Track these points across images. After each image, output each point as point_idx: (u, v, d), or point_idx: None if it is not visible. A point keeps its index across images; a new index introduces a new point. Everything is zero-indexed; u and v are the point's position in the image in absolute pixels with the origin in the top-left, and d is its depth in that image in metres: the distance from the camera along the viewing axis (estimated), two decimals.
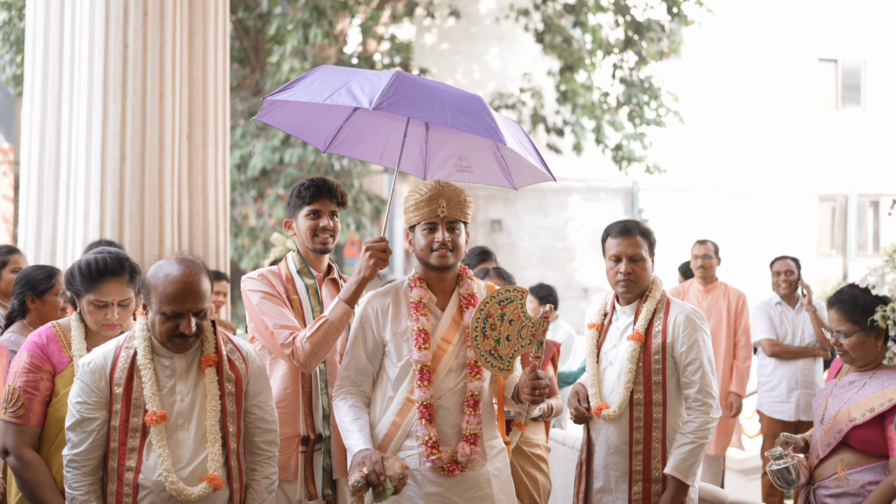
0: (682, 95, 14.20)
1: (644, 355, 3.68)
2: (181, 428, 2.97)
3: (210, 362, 3.02)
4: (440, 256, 3.26)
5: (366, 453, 3.04)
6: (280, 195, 12.61)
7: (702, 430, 3.58)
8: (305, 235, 3.63)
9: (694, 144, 17.09)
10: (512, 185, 3.86)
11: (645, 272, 3.73)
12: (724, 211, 17.53)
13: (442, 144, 3.84)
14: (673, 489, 3.57)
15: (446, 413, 3.25)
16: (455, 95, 3.33)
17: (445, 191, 3.29)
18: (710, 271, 6.91)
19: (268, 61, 13.54)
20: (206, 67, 6.30)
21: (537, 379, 3.15)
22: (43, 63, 6.04)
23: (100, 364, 2.96)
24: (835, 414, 3.32)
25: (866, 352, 3.31)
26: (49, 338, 3.31)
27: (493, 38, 16.60)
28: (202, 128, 6.30)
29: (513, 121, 3.65)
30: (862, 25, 18.30)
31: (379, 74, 3.32)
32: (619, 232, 3.76)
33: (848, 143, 18.21)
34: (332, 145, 3.90)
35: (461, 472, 3.22)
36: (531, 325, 3.20)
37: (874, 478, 3.18)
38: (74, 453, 2.91)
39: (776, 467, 3.38)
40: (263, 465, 3.17)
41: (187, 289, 2.91)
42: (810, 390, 6.47)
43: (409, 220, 3.34)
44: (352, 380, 3.33)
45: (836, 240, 18.93)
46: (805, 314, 6.62)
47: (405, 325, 3.29)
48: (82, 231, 5.82)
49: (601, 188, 17.15)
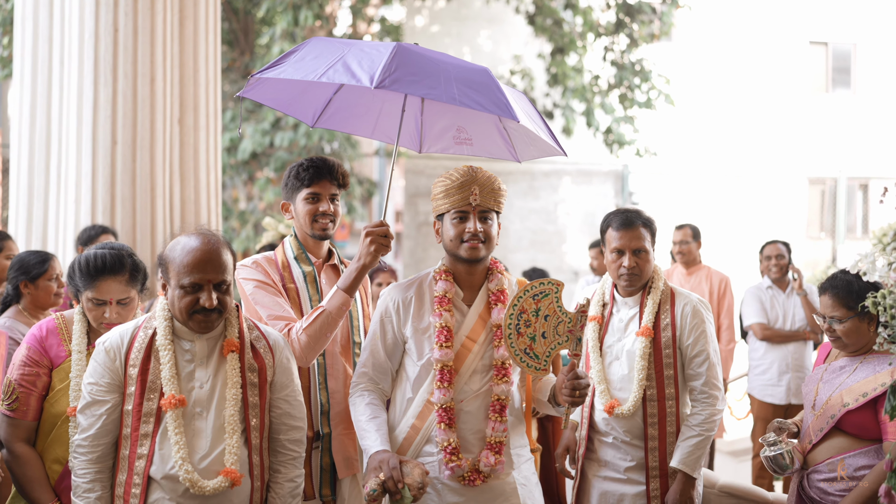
0: (673, 78, 14.19)
1: (654, 350, 3.56)
2: (199, 417, 2.76)
3: (232, 347, 2.81)
4: (471, 248, 3.02)
5: (383, 457, 2.83)
6: (270, 178, 12.57)
7: (708, 423, 3.51)
8: (304, 220, 3.40)
9: (684, 127, 17.09)
10: (515, 157, 3.63)
11: (648, 264, 3.61)
12: (714, 194, 17.56)
13: (439, 115, 3.61)
14: (681, 483, 3.49)
15: (469, 418, 3.02)
16: (461, 68, 3.09)
17: (479, 177, 3.04)
18: (688, 256, 6.97)
19: (257, 43, 13.47)
20: (197, 51, 6.26)
21: (577, 378, 2.90)
22: (32, 46, 5.99)
23: (115, 343, 2.79)
24: (827, 399, 3.34)
25: (859, 337, 3.33)
26: (49, 330, 3.22)
27: (483, 20, 16.53)
28: (193, 112, 6.27)
29: (520, 93, 3.44)
30: (852, 8, 18.29)
31: (376, 47, 3.09)
32: (621, 224, 3.60)
33: (838, 126, 18.23)
34: (320, 119, 3.65)
35: (483, 481, 3.00)
36: (568, 321, 2.96)
37: (867, 462, 3.21)
38: (82, 437, 2.75)
39: (770, 453, 3.38)
40: (288, 466, 2.93)
41: (206, 257, 2.72)
42: (801, 374, 6.52)
43: (437, 207, 3.10)
44: (369, 377, 3.13)
45: (825, 223, 18.99)
46: (796, 298, 6.66)
47: (427, 321, 3.06)
48: (73, 216, 5.80)
49: (592, 171, 17.14)
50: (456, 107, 3.34)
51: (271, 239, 7.08)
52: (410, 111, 3.53)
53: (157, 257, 2.88)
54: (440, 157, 15.33)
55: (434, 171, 15.89)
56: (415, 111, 3.58)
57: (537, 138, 3.30)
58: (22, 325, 3.74)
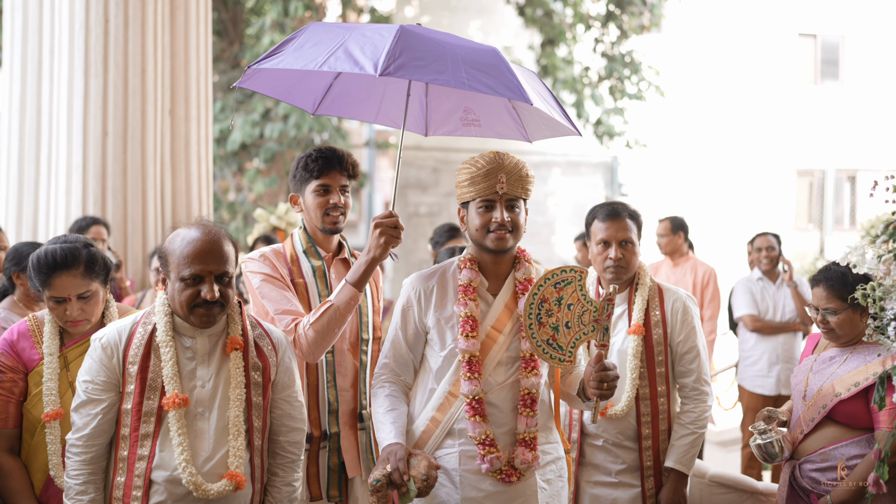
0: (663, 70, 14.22)
1: (646, 347, 3.50)
2: (201, 417, 2.64)
3: (236, 345, 2.70)
4: (498, 239, 2.90)
5: (391, 449, 2.74)
6: (260, 169, 12.54)
7: (701, 420, 3.48)
8: (314, 213, 3.26)
9: (674, 119, 17.13)
10: (526, 137, 3.49)
11: (634, 257, 3.53)
12: (703, 185, 17.61)
13: (445, 96, 3.47)
14: (674, 482, 3.45)
15: (493, 411, 2.90)
16: (469, 50, 2.94)
17: (506, 164, 2.90)
18: (668, 248, 7.02)
19: (246, 33, 13.40)
20: (188, 42, 6.25)
21: (605, 370, 2.74)
22: (22, 37, 5.96)
23: (113, 340, 2.65)
24: (818, 389, 3.36)
25: (853, 329, 3.35)
26: (21, 333, 3.09)
27: (473, 11, 16.51)
28: (184, 103, 6.25)
29: (531, 72, 3.28)
30: (841, 1, 18.35)
31: (378, 30, 2.94)
32: (607, 215, 3.52)
33: (826, 118, 18.31)
34: (321, 106, 3.51)
35: (518, 478, 2.87)
36: (593, 309, 2.79)
37: (859, 451, 3.24)
38: (76, 437, 2.62)
39: (761, 441, 3.39)
40: (286, 469, 2.82)
41: (207, 247, 2.60)
42: (790, 365, 6.57)
43: (461, 195, 2.97)
44: (391, 368, 3.03)
45: (813, 214, 19.08)
46: (786, 289, 6.70)
47: (451, 311, 2.95)
48: (64, 207, 5.78)
49: (581, 163, 17.16)
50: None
51: (263, 231, 7.09)
52: (415, 94, 3.40)
53: (156, 250, 2.73)
54: (429, 147, 15.32)
55: (424, 163, 15.88)
56: (419, 94, 3.47)
57: (549, 118, 3.16)
58: (16, 315, 3.70)
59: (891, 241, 2.92)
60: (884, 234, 2.97)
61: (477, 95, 3.31)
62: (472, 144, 14.63)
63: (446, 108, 3.51)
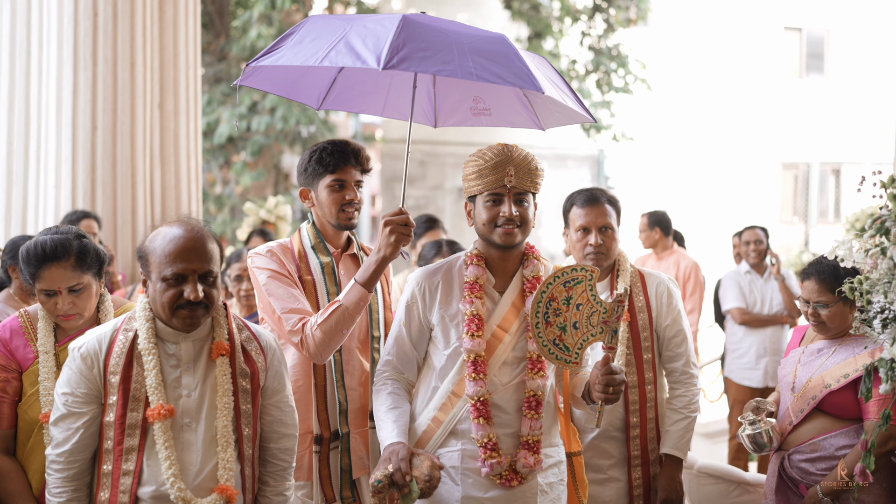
0: (650, 63, 14.27)
1: (632, 334, 3.46)
2: (187, 428, 2.49)
3: (222, 351, 2.55)
4: (506, 234, 2.80)
5: (393, 448, 2.67)
6: (247, 162, 12.52)
7: (693, 404, 3.45)
8: (328, 210, 3.13)
9: (660, 112, 17.19)
10: (539, 126, 3.42)
11: (615, 242, 3.47)
12: (689, 178, 17.70)
13: (453, 86, 3.36)
14: (670, 468, 3.42)
15: (497, 412, 2.81)
16: (475, 38, 2.83)
17: (514, 156, 2.79)
18: (648, 242, 7.08)
19: (232, 25, 13.36)
20: (177, 35, 6.24)
21: (611, 374, 2.65)
22: (10, 30, 5.93)
23: (92, 349, 2.49)
24: (807, 381, 3.40)
25: (843, 321, 3.38)
26: (13, 331, 2.97)
27: (460, 4, 16.50)
28: (174, 96, 6.25)
29: (542, 58, 3.16)
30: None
31: (381, 21, 2.83)
32: (585, 201, 3.46)
33: (811, 112, 18.42)
34: (326, 101, 3.40)
35: (520, 482, 2.79)
36: (603, 311, 2.69)
37: (848, 441, 3.28)
38: (57, 453, 2.47)
39: (751, 431, 3.41)
40: (276, 477, 2.70)
41: (190, 245, 2.45)
42: (778, 357, 6.63)
43: (468, 188, 2.87)
44: (394, 366, 2.94)
45: (797, 207, 19.21)
46: (773, 283, 6.76)
47: (456, 308, 2.85)
48: (54, 201, 5.77)
49: (568, 156, 17.20)
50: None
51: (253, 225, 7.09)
52: (422, 85, 3.31)
53: (137, 250, 2.63)
54: (416, 140, 15.31)
55: (412, 156, 15.87)
56: (427, 84, 3.37)
57: (562, 105, 3.06)
58: (11, 309, 3.68)
59: (878, 236, 2.95)
60: (871, 229, 3.00)
61: (486, 84, 3.15)
62: (459, 137, 14.64)
63: (455, 98, 3.42)
